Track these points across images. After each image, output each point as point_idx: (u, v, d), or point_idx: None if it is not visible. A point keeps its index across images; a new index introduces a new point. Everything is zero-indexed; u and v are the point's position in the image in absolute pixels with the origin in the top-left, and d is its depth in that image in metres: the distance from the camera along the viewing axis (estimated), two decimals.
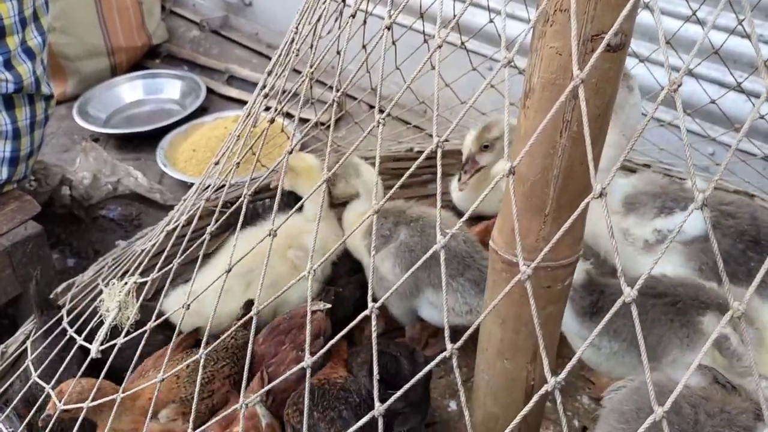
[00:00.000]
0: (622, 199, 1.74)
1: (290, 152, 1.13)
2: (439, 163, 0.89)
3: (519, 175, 1.09)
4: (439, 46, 0.90)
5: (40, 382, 1.19)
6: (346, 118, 2.96)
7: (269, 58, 2.29)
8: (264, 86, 1.32)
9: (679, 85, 0.68)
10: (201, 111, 3.24)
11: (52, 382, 1.19)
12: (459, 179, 1.91)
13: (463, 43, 2.29)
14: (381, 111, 0.97)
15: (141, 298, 1.11)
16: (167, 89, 3.44)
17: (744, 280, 1.53)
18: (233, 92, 3.40)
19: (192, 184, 1.91)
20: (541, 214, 1.09)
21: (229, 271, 1.08)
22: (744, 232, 1.57)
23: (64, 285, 1.61)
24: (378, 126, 0.97)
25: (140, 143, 3.10)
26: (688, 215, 0.77)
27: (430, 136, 2.45)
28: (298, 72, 2.10)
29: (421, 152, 2.26)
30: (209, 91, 3.38)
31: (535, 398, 0.83)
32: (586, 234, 1.78)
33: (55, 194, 2.58)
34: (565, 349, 1.58)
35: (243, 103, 3.18)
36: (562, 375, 0.77)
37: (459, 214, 1.98)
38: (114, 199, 2.71)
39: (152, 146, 2.98)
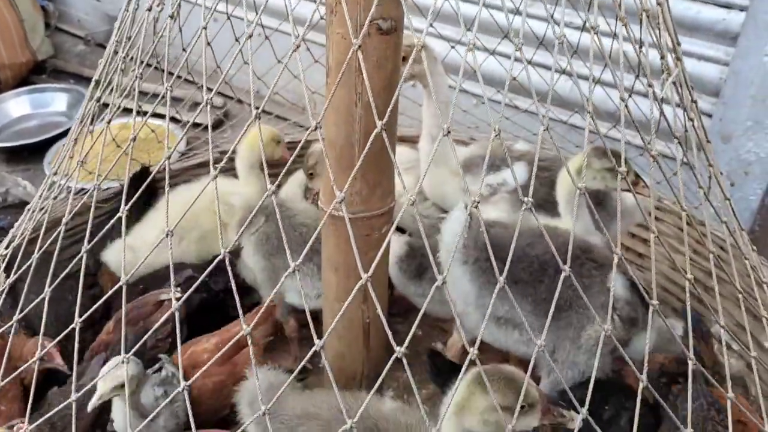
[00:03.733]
0: (462, 162, 2.02)
1: (169, 158, 1.23)
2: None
3: (329, 141, 1.32)
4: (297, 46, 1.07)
5: None
6: (229, 119, 3.13)
7: (156, 68, 2.44)
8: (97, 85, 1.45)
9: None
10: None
11: None
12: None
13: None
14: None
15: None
16: (54, 103, 3.51)
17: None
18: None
19: (81, 190, 2.04)
20: (350, 173, 1.32)
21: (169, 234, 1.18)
22: (554, 182, 1.87)
23: None
24: (256, 120, 1.10)
25: (29, 156, 3.17)
26: None
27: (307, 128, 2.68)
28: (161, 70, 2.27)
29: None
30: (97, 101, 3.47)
31: (387, 367, 1.01)
32: (434, 195, 2.07)
33: None
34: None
35: (129, 111, 3.30)
36: (405, 344, 0.96)
37: None
38: (4, 209, 2.78)
39: (41, 158, 3.07)
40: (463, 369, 0.97)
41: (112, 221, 1.13)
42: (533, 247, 1.58)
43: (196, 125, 3.12)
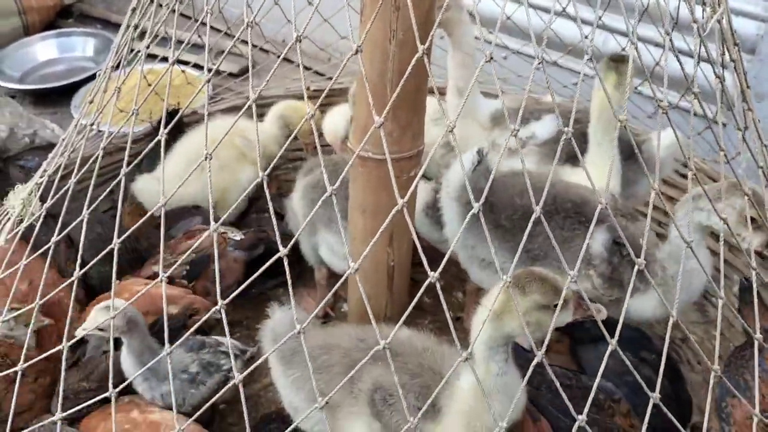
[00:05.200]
0: (490, 116, 2.01)
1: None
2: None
3: (361, 80, 1.31)
4: None
5: None
6: (254, 66, 3.12)
7: (185, 16, 2.43)
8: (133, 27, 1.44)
9: None
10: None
11: None
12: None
13: None
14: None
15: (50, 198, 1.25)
16: (81, 47, 3.52)
17: None
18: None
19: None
20: (382, 113, 1.32)
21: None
22: (585, 133, 1.85)
23: None
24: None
25: (56, 99, 3.20)
26: None
27: (329, 79, 2.67)
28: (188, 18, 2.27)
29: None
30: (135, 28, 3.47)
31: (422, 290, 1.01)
32: (462, 148, 2.05)
33: None
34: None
35: (155, 57, 3.29)
36: (439, 270, 0.94)
37: None
38: (31, 151, 2.81)
39: (67, 101, 3.09)
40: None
41: (148, 147, 1.13)
42: (522, 196, 1.59)
43: (219, 73, 3.12)
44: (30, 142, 2.84)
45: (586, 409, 0.83)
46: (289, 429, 0.97)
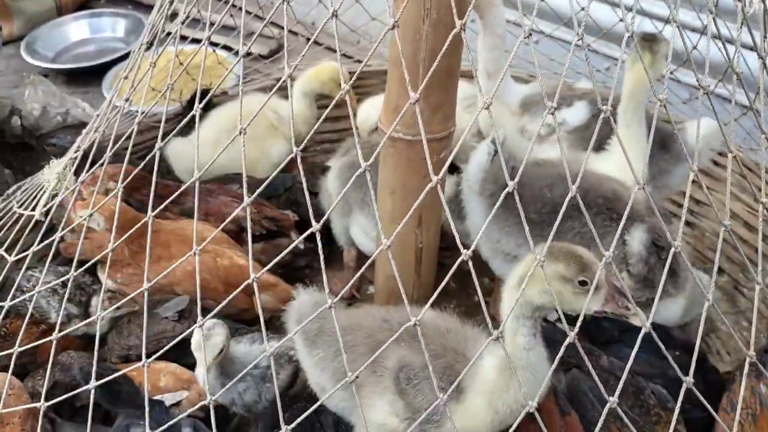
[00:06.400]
0: (519, 102, 1.99)
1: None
2: None
3: (393, 59, 1.31)
4: None
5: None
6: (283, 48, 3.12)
7: None
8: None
9: None
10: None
11: None
12: None
13: None
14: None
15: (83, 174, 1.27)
16: (112, 28, 3.55)
17: None
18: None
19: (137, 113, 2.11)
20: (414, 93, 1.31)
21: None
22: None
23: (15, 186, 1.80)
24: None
25: (87, 78, 3.23)
26: None
27: (359, 62, 2.66)
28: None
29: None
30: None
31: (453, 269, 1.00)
32: (490, 133, 2.04)
33: (5, 125, 2.73)
34: None
35: (184, 39, 3.32)
36: (472, 248, 0.94)
37: None
38: (64, 129, 2.85)
39: (99, 81, 3.12)
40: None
41: (183, 122, 1.13)
42: (552, 189, 1.56)
43: (249, 55, 3.13)
44: (62, 120, 2.88)
45: (617, 393, 0.82)
46: (314, 406, 0.97)
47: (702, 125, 1.68)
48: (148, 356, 1.00)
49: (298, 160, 0.96)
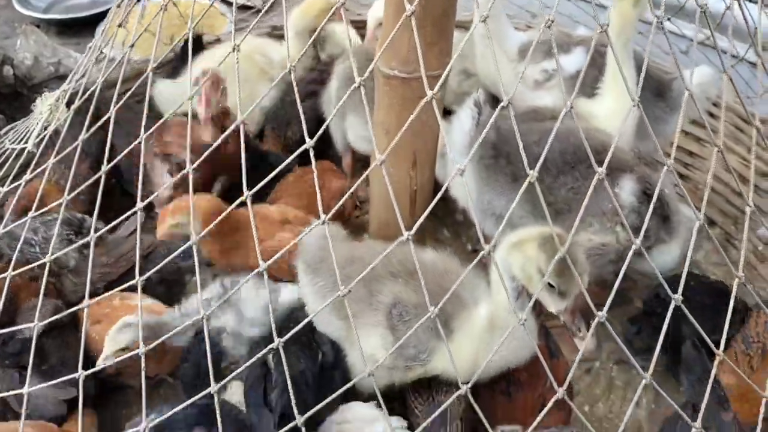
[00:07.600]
0: (518, 49, 1.98)
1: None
2: None
3: None
4: None
5: None
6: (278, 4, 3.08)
7: None
8: None
9: None
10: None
11: None
12: None
13: None
14: None
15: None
16: None
17: None
18: None
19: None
20: (409, 28, 1.30)
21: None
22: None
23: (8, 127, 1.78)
24: None
25: (79, 30, 3.19)
26: None
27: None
28: None
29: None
30: None
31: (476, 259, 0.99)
32: (486, 76, 2.04)
33: None
34: None
35: None
36: (493, 242, 0.96)
37: None
38: (56, 79, 2.82)
39: (91, 32, 3.08)
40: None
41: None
42: (540, 144, 1.54)
43: (247, 8, 3.10)
44: (54, 71, 2.86)
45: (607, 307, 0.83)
46: (303, 322, 0.98)
47: (698, 73, 1.68)
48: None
49: (294, 85, 0.95)
